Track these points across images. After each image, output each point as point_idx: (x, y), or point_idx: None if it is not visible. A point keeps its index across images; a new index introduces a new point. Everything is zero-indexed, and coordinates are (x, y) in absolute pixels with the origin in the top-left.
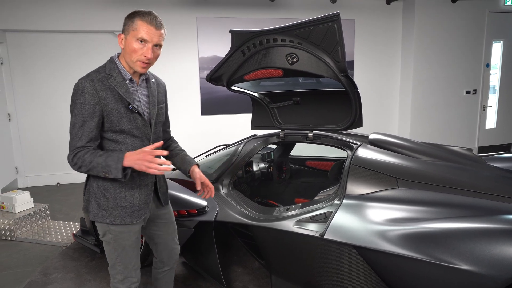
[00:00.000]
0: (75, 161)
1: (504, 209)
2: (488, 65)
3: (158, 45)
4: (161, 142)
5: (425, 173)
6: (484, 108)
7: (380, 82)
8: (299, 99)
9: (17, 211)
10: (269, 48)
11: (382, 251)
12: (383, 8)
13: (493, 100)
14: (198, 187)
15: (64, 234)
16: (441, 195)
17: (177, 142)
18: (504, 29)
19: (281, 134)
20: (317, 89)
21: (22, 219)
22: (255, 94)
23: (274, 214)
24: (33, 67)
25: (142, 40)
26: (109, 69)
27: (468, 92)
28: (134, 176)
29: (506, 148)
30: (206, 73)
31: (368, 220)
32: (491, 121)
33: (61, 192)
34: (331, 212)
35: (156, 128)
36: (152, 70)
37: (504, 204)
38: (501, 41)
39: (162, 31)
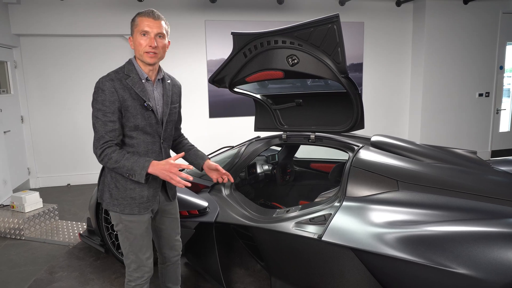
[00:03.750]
0: (102, 157)
1: (506, 212)
2: (501, 67)
3: (160, 35)
4: (182, 154)
5: (426, 175)
6: (498, 111)
7: (390, 85)
8: (301, 101)
9: (26, 211)
10: (270, 50)
11: (380, 254)
12: (393, 10)
13: (507, 103)
14: (215, 179)
15: (71, 234)
16: (442, 198)
17: (187, 139)
18: None
19: (284, 136)
20: (319, 91)
21: (31, 219)
22: (258, 96)
23: (274, 215)
24: (45, 71)
25: (145, 33)
26: (127, 70)
27: (480, 94)
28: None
29: None
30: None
31: (367, 222)
32: (505, 124)
33: (71, 193)
34: (330, 214)
35: (167, 127)
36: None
37: (506, 208)
38: None
39: (162, 22)
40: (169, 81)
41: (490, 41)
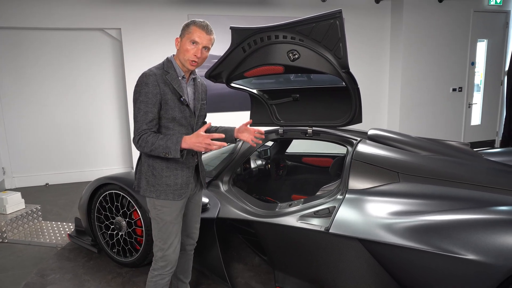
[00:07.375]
0: (140, 143)
1: (502, 201)
2: (473, 63)
3: (206, 48)
4: (209, 124)
5: (426, 167)
6: (470, 105)
7: (370, 80)
8: (298, 95)
9: (8, 212)
10: (270, 45)
11: (387, 243)
12: (372, 7)
13: (477, 98)
14: (250, 141)
15: (58, 234)
16: (442, 188)
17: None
18: (488, 28)
19: (280, 131)
20: (316, 86)
21: (13, 220)
22: (254, 91)
23: (276, 210)
24: (20, 66)
25: (194, 42)
26: (167, 67)
27: (454, 89)
28: (179, 159)
29: (490, 144)
30: (198, 70)
31: (372, 213)
32: (476, 118)
33: (51, 193)
34: (335, 206)
35: (199, 120)
36: (146, 66)
37: (502, 196)
38: (485, 40)
39: (212, 36)
40: (199, 80)
41: (463, 38)
